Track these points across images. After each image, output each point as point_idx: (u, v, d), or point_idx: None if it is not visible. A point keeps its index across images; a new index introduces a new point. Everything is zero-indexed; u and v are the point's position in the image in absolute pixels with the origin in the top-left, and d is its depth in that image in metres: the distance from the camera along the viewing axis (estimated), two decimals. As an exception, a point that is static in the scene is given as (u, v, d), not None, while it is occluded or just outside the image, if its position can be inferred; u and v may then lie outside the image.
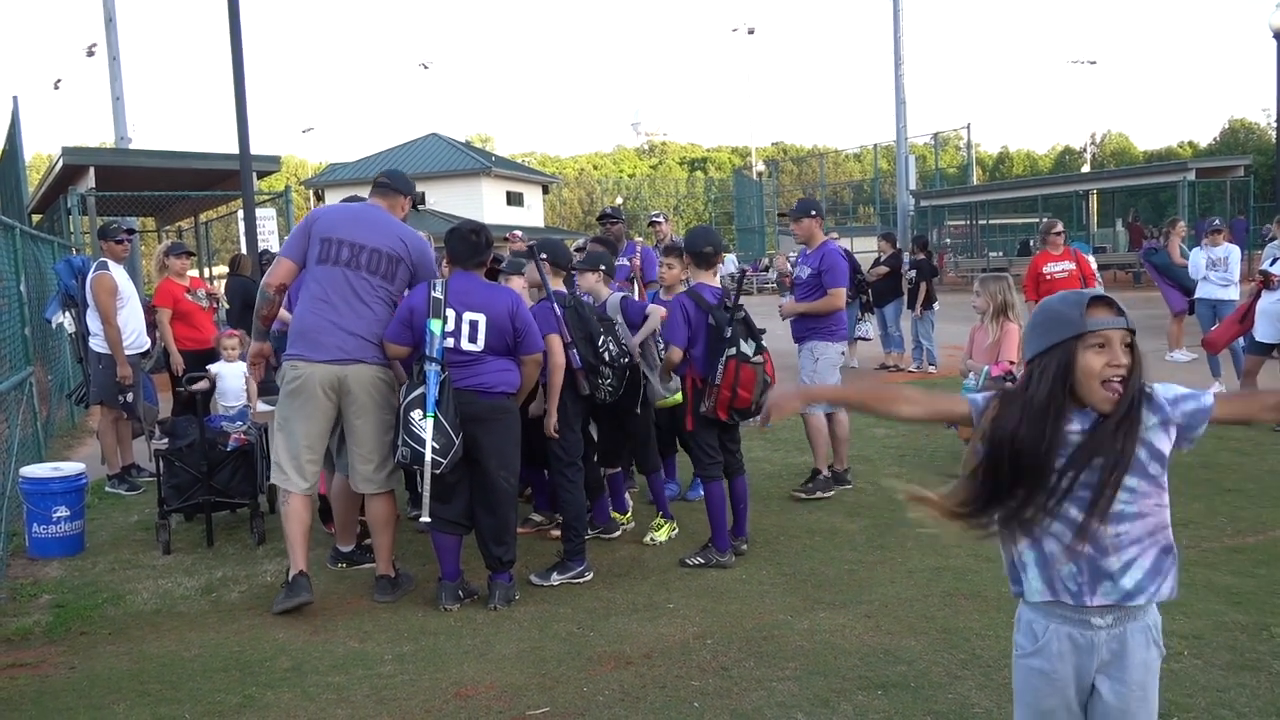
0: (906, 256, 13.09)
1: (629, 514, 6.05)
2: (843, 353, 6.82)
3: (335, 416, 4.89)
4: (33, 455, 7.46)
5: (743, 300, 5.53)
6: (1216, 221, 11.59)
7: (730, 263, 17.72)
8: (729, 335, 5.20)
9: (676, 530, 5.93)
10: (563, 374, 5.04)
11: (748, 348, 5.22)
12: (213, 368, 7.55)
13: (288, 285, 4.93)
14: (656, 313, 5.78)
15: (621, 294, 5.97)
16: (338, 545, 5.53)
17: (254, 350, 5.18)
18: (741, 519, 5.49)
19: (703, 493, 6.03)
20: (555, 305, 5.16)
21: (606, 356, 5.26)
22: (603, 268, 5.82)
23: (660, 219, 9.59)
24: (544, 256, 5.40)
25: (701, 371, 5.29)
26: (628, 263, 7.58)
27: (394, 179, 5.16)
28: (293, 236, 4.96)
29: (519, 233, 10.92)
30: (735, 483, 5.49)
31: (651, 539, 5.80)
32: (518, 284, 5.63)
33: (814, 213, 7.07)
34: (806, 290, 6.77)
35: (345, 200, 5.55)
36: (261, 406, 6.10)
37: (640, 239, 9.64)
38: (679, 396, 5.80)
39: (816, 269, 6.70)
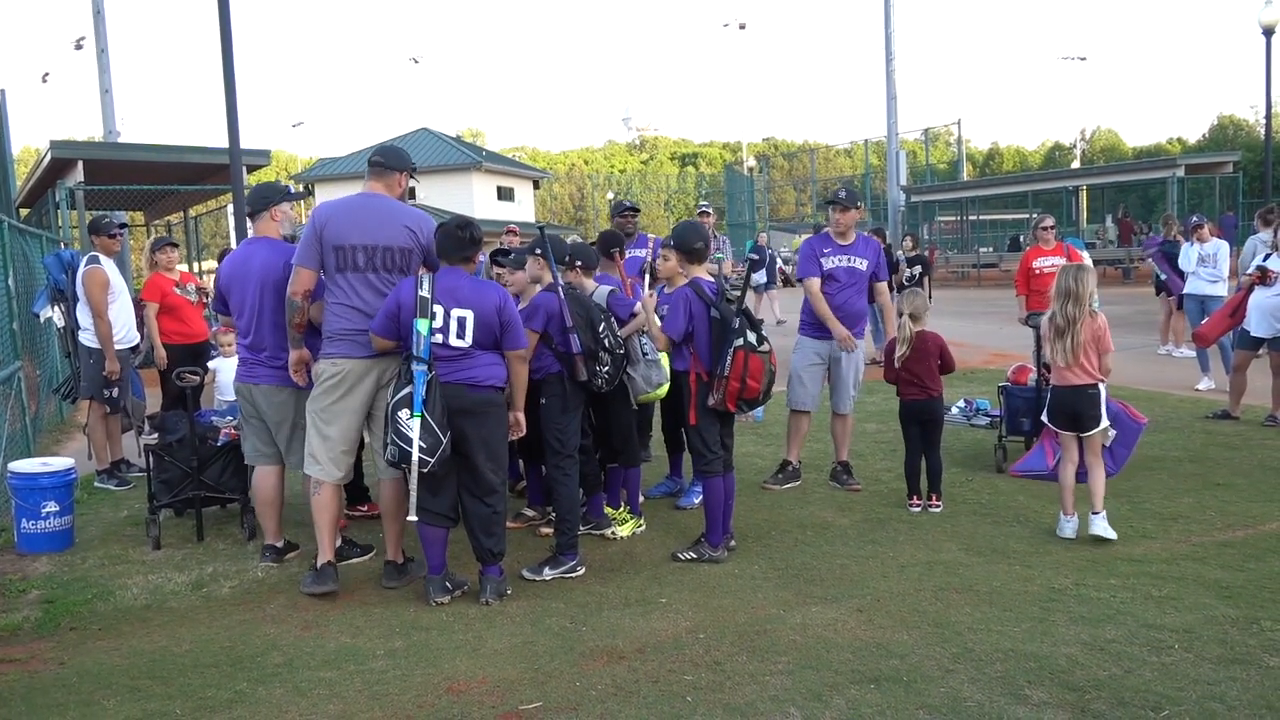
0: (903, 253, 13.03)
1: (623, 509, 6.04)
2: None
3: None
4: (21, 450, 7.43)
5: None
6: (1195, 218, 11.64)
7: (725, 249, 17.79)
8: (737, 325, 5.19)
9: (642, 527, 5.95)
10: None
11: (753, 337, 5.22)
12: (212, 363, 7.53)
13: (312, 290, 4.97)
14: (644, 311, 5.78)
15: (609, 289, 5.95)
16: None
17: (295, 358, 5.13)
18: (728, 515, 5.49)
19: (696, 500, 6.05)
20: (560, 294, 5.21)
21: (607, 343, 5.30)
22: (579, 263, 5.77)
23: (709, 210, 9.63)
24: (537, 252, 5.41)
25: (706, 365, 5.28)
26: (640, 254, 7.49)
27: (388, 156, 5.13)
28: (305, 243, 4.94)
29: (516, 227, 10.91)
30: (725, 479, 5.48)
31: (614, 532, 5.82)
32: (522, 279, 5.65)
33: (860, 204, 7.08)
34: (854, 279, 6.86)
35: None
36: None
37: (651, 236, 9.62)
38: (662, 391, 5.80)
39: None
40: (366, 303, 4.87)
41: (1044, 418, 5.76)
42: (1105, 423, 5.58)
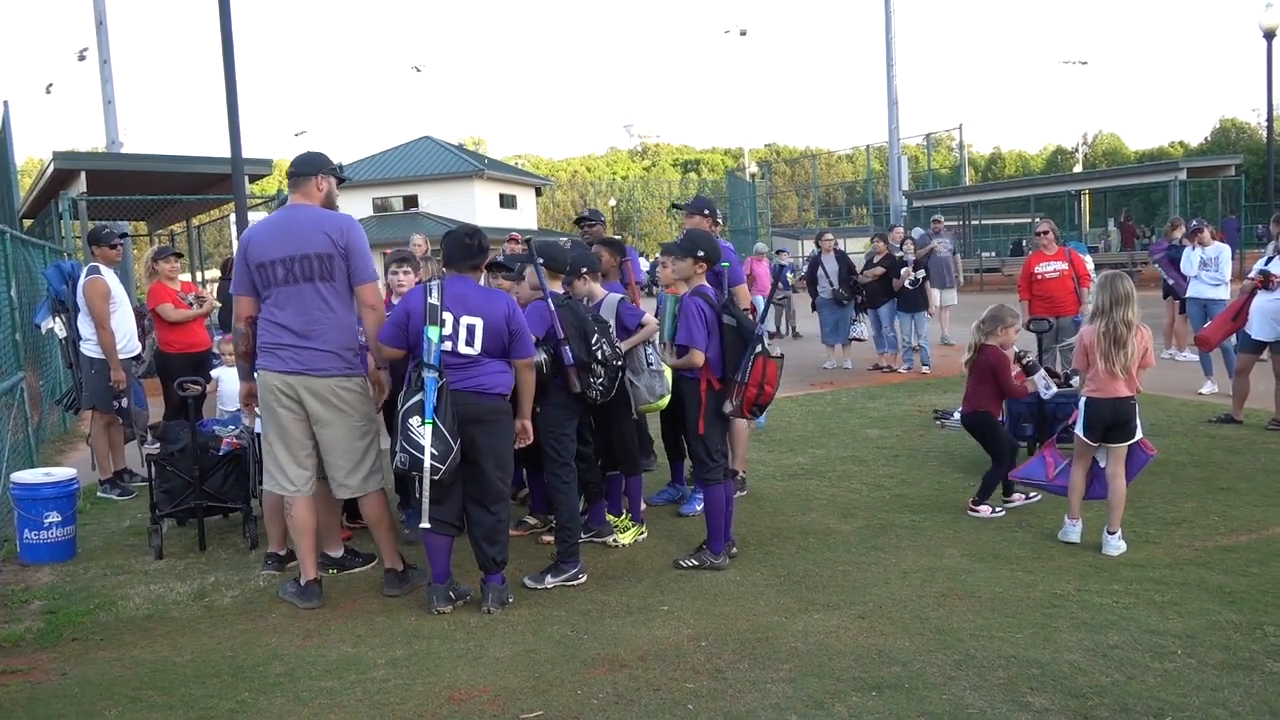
0: (909, 256, 13.04)
1: (624, 517, 6.03)
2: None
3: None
4: (24, 461, 7.43)
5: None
6: (1195, 223, 11.64)
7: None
8: (759, 332, 5.22)
9: (644, 535, 5.94)
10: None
11: (769, 345, 5.24)
12: (214, 372, 7.54)
13: (255, 316, 5.00)
14: (651, 324, 5.77)
15: (619, 297, 5.94)
16: (325, 551, 5.52)
17: (245, 393, 5.22)
18: (729, 522, 5.48)
19: (698, 507, 6.04)
20: (551, 305, 5.17)
21: (600, 355, 5.26)
22: (585, 269, 5.76)
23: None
24: (541, 261, 5.39)
25: (718, 373, 5.27)
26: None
27: (300, 165, 5.08)
28: (236, 270, 5.02)
29: (518, 234, 10.91)
30: (726, 486, 5.48)
31: (615, 540, 5.81)
32: (525, 289, 5.61)
33: (706, 211, 6.54)
34: None
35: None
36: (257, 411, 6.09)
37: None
38: (663, 402, 5.79)
39: None
40: (287, 315, 4.87)
41: (1077, 430, 5.50)
42: (1140, 434, 5.42)
